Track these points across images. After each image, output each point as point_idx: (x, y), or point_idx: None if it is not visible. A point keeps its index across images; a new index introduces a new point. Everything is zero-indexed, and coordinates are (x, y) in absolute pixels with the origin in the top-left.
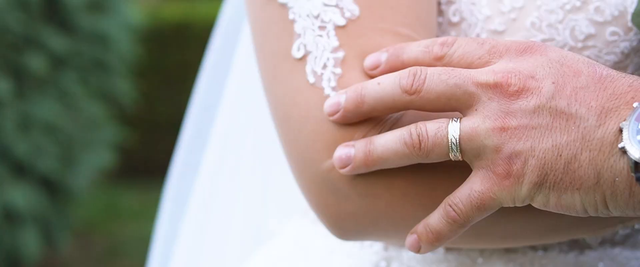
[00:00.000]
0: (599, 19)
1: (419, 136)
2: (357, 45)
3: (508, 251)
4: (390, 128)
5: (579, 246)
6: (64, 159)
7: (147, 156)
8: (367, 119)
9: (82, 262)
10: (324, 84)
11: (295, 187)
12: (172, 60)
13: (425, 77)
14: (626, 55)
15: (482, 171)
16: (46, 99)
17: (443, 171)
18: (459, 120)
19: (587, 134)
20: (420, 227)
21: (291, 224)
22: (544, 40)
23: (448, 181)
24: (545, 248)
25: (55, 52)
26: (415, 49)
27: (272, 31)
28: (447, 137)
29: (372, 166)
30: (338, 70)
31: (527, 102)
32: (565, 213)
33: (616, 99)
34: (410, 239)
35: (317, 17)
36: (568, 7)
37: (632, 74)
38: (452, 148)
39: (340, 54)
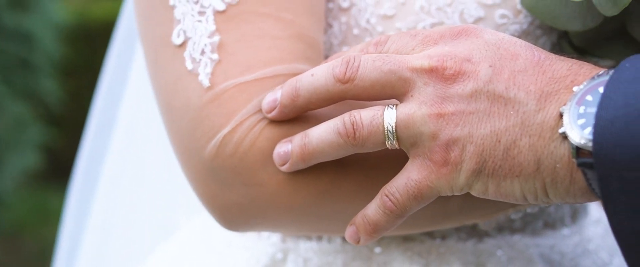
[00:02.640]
0: (488, 1)
1: (353, 125)
2: (236, 30)
3: (406, 239)
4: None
5: (477, 233)
6: None
7: (76, 156)
8: (245, 107)
9: (10, 266)
10: (200, 69)
11: None
12: (101, 59)
13: (359, 65)
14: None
15: (418, 159)
16: None
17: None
18: (394, 107)
19: (527, 119)
20: (358, 218)
21: (195, 219)
22: (433, 24)
23: (335, 169)
24: (443, 236)
25: None
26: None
27: (153, 18)
28: (383, 125)
29: (309, 159)
30: (215, 56)
31: (464, 87)
32: (505, 201)
33: (555, 82)
34: (350, 230)
35: (196, 2)
36: None
37: None
38: (388, 136)
39: (216, 39)
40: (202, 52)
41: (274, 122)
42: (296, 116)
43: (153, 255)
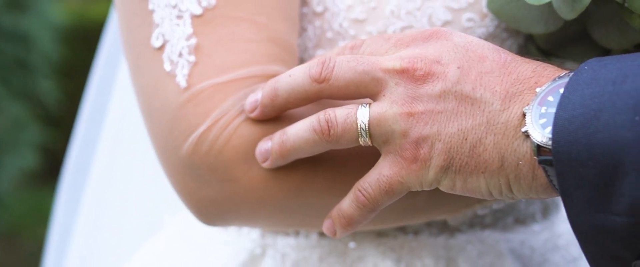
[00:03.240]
0: (455, 5)
1: (327, 122)
2: (212, 33)
3: (379, 234)
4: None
5: (449, 229)
6: None
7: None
8: (220, 106)
9: (9, 266)
10: (178, 71)
11: None
12: None
13: (334, 66)
14: None
15: (390, 155)
16: None
17: None
18: (368, 105)
19: (492, 118)
20: (334, 212)
21: (179, 216)
22: (403, 28)
23: (308, 165)
24: (415, 232)
25: None
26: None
27: (134, 22)
28: (356, 123)
29: (287, 156)
30: (192, 58)
31: (433, 87)
32: (472, 196)
33: (520, 84)
34: (327, 223)
35: (174, 6)
36: None
37: None
38: (361, 133)
39: (193, 41)
40: (180, 54)
41: (248, 120)
42: (276, 115)
43: (139, 252)
